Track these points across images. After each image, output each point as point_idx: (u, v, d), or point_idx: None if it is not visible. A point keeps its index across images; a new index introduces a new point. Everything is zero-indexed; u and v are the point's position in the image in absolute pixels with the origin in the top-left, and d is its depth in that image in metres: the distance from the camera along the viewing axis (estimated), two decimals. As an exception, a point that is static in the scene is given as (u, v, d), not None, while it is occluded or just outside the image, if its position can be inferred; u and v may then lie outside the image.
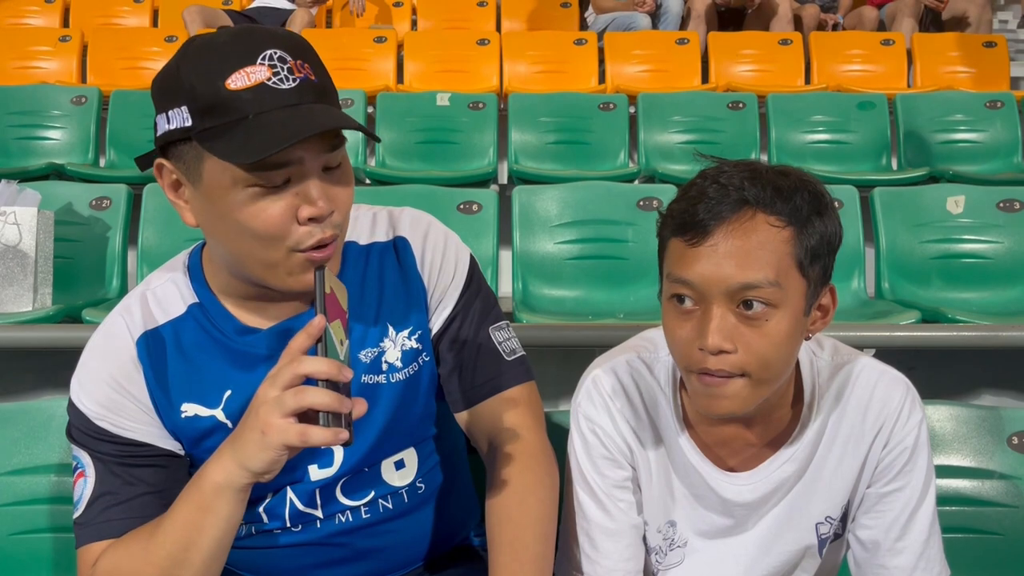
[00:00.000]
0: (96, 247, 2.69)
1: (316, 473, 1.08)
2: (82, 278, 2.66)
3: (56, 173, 3.38)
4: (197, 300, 1.05)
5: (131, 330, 1.04)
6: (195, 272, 1.06)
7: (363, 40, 4.64)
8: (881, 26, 5.09)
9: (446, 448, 1.19)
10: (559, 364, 1.80)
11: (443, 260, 1.12)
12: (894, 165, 3.77)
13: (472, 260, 1.15)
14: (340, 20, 5.33)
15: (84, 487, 1.02)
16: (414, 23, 5.27)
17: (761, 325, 0.91)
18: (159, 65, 4.37)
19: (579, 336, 1.95)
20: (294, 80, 0.89)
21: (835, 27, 5.10)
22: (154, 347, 1.03)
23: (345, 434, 0.83)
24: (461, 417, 1.13)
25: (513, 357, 1.13)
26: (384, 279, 1.09)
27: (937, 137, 3.78)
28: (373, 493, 1.11)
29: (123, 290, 2.70)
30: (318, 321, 0.85)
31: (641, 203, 2.73)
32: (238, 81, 0.87)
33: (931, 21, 5.12)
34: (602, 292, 2.66)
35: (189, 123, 0.89)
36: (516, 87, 4.31)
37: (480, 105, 3.74)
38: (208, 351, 1.04)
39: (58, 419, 1.41)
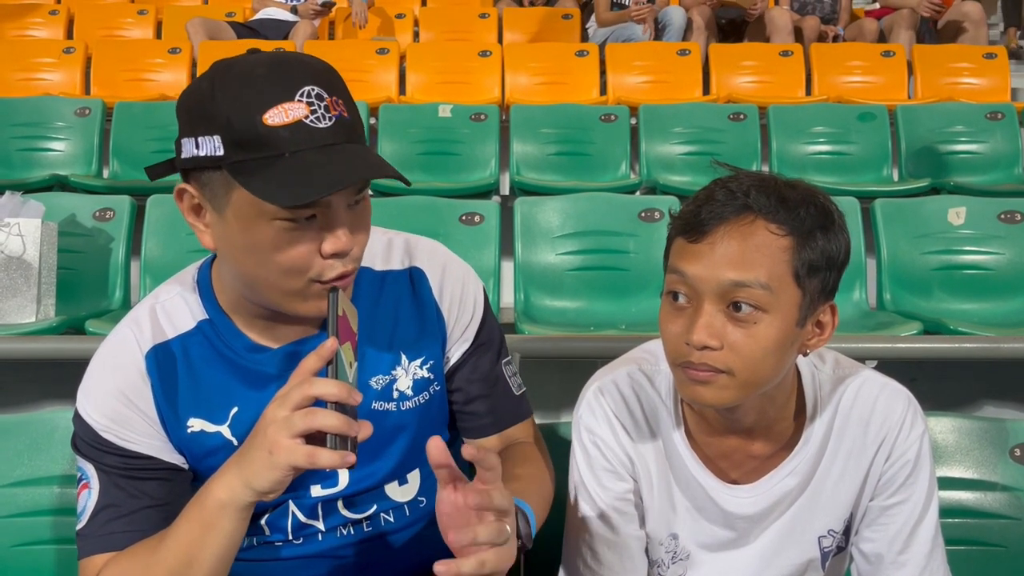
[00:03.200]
0: (99, 258, 2.70)
1: (318, 491, 1.08)
2: (85, 289, 2.66)
3: (60, 184, 3.38)
4: (207, 316, 1.05)
5: (140, 343, 1.03)
6: (204, 288, 1.06)
7: (365, 51, 4.66)
8: (881, 37, 5.10)
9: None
10: (560, 375, 1.80)
11: (463, 295, 1.13)
12: (895, 176, 3.78)
13: (485, 295, 1.17)
14: (342, 32, 5.35)
15: (88, 499, 1.02)
16: (416, 34, 5.29)
17: (748, 327, 0.92)
18: (162, 77, 4.35)
19: (580, 347, 1.95)
20: (330, 119, 0.90)
21: (835, 39, 5.11)
22: (163, 361, 1.03)
23: (352, 457, 0.83)
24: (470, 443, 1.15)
25: (519, 392, 1.17)
26: (399, 308, 1.10)
27: (938, 148, 3.78)
28: (375, 507, 1.11)
29: (126, 301, 2.70)
30: (331, 343, 0.85)
31: (642, 214, 2.73)
32: (275, 117, 0.87)
33: (927, 32, 5.14)
34: (603, 303, 2.67)
35: (220, 153, 0.89)
36: (518, 98, 4.32)
37: (482, 116, 3.75)
38: (216, 367, 1.04)
39: (61, 431, 1.41)
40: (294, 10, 4.94)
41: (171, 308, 1.06)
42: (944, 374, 2.39)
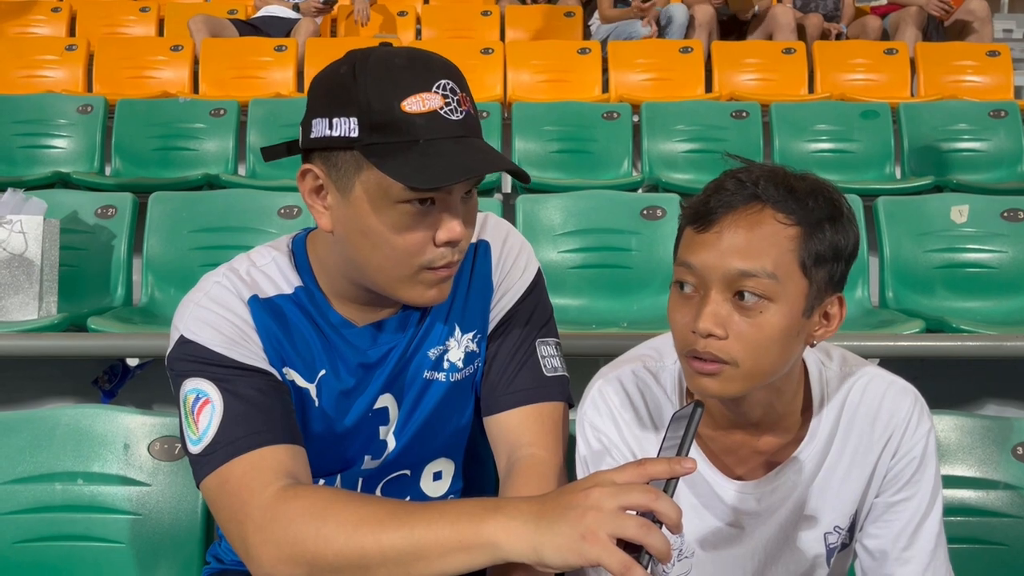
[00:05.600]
0: (101, 255, 2.69)
1: (368, 463, 1.11)
2: (87, 286, 2.66)
3: (62, 182, 3.38)
4: (302, 284, 1.08)
5: (239, 291, 1.04)
6: (300, 259, 1.09)
7: (367, 49, 4.65)
8: (885, 35, 5.09)
9: (480, 474, 1.21)
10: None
11: (513, 266, 1.15)
12: (898, 174, 3.77)
13: (539, 273, 1.18)
14: (344, 29, 5.34)
15: (213, 411, 0.98)
16: (418, 32, 5.28)
17: (755, 316, 0.92)
18: (164, 74, 4.33)
19: (583, 345, 1.95)
20: (461, 112, 0.95)
21: (838, 36, 5.10)
22: (263, 310, 1.05)
23: None
24: (488, 423, 1.14)
25: (553, 374, 1.14)
26: (460, 280, 1.11)
27: (941, 146, 3.77)
28: (409, 498, 1.13)
29: (128, 298, 2.70)
30: (691, 464, 0.81)
31: (645, 212, 2.73)
32: (414, 105, 0.92)
33: (934, 30, 5.13)
34: (605, 301, 2.66)
35: (355, 134, 0.93)
36: (520, 96, 4.32)
37: (484, 114, 3.74)
38: (308, 332, 1.07)
39: (63, 427, 1.41)
40: (296, 7, 4.93)
41: (268, 271, 1.08)
42: (946, 372, 2.39)
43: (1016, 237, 2.73)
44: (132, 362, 2.16)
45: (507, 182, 3.72)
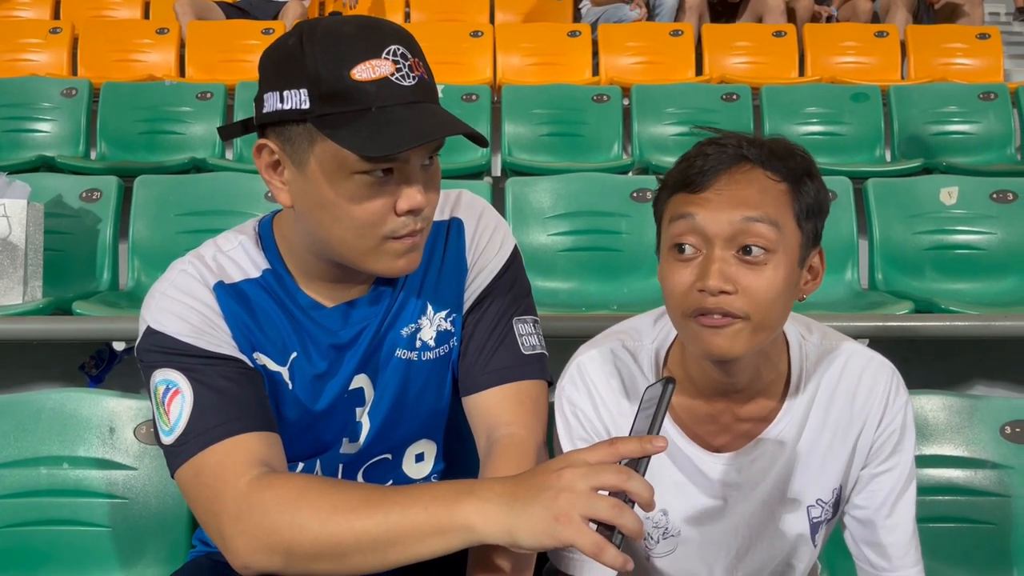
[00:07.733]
0: (86, 239, 2.68)
1: (346, 447, 1.10)
2: (72, 271, 2.64)
3: (46, 165, 3.35)
4: (270, 266, 1.06)
5: (204, 278, 1.03)
6: (267, 241, 1.07)
7: (356, 32, 4.61)
8: (875, 18, 5.09)
9: (464, 454, 1.19)
10: (552, 356, 1.79)
11: (488, 243, 1.13)
12: (888, 157, 3.77)
13: (515, 250, 1.17)
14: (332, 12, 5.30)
15: (183, 402, 0.97)
16: (407, 15, 5.24)
17: (760, 269, 0.93)
18: (150, 57, 4.28)
19: (572, 327, 1.95)
20: (414, 78, 0.93)
21: (829, 19, 5.09)
22: (230, 296, 1.03)
23: (631, 564, 0.79)
24: (467, 403, 1.12)
25: (531, 352, 1.12)
26: (432, 257, 1.10)
27: (931, 129, 3.78)
28: (391, 482, 1.12)
29: (114, 283, 2.68)
30: (662, 443, 0.81)
31: (635, 195, 2.72)
32: (363, 72, 0.90)
33: (924, 12, 5.12)
34: (595, 284, 2.66)
35: (307, 106, 0.91)
36: (510, 79, 4.30)
37: (473, 97, 3.72)
38: (277, 315, 1.05)
39: (47, 412, 1.40)
40: (283, -10, 4.89)
41: (235, 256, 1.06)
42: (936, 353, 2.40)
43: (1005, 219, 2.74)
44: (119, 347, 2.14)
45: (496, 166, 3.71)
